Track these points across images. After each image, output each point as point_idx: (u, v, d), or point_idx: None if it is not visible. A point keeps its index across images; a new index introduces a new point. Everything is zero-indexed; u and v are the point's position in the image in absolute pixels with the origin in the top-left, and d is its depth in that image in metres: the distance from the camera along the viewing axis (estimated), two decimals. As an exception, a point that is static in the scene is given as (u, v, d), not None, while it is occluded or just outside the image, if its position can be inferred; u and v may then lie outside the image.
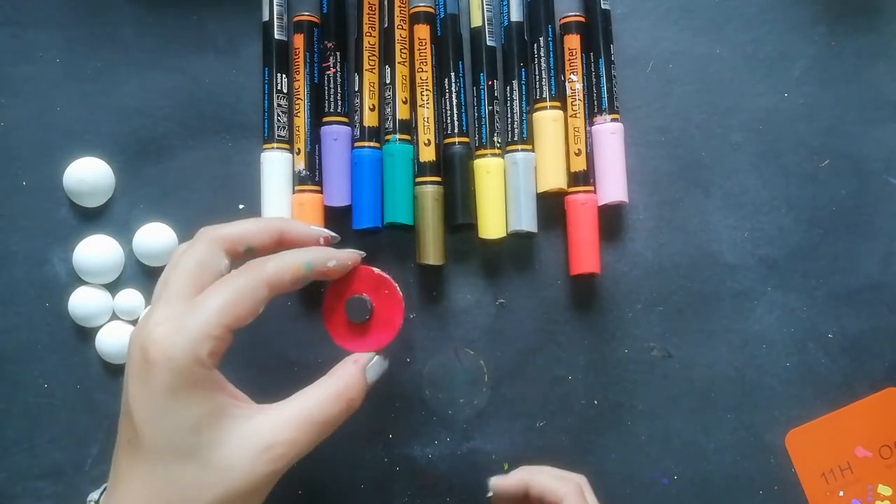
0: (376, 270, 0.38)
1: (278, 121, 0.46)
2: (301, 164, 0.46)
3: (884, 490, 0.46)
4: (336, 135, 0.46)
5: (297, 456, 0.31)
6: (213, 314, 0.29)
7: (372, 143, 0.46)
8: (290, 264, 0.32)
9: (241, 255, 0.34)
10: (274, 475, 0.30)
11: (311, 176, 0.46)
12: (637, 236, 0.47)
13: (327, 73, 0.46)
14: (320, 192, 0.46)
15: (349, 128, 0.46)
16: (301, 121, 0.46)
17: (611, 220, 0.47)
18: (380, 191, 0.46)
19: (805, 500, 0.46)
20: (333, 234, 0.37)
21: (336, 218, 0.46)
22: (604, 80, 0.46)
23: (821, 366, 0.47)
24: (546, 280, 0.47)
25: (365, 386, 0.34)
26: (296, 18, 0.47)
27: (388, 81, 0.46)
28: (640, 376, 0.47)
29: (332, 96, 0.46)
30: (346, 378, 0.33)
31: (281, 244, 0.35)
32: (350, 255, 0.36)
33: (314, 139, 0.46)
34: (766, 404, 0.46)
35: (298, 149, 0.46)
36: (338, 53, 0.46)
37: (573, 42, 0.47)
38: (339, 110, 0.46)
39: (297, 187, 0.46)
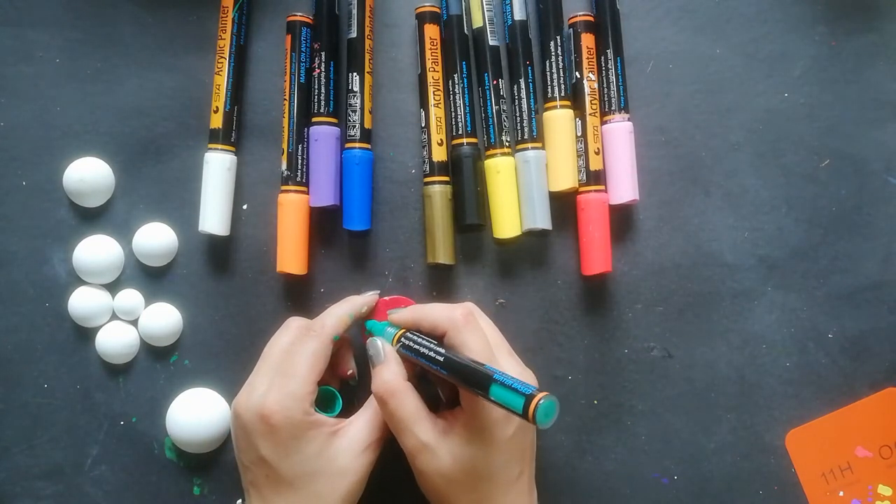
0: (389, 297, 0.45)
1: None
2: (283, 164, 0.46)
3: (884, 490, 0.46)
4: (318, 135, 0.46)
5: (384, 445, 0.41)
6: (304, 376, 0.40)
7: (363, 144, 0.46)
8: (341, 320, 0.43)
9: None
10: (373, 464, 0.41)
11: (292, 176, 0.46)
12: (637, 236, 0.47)
13: (313, 73, 0.46)
14: (305, 191, 0.46)
15: (336, 128, 0.46)
16: (286, 121, 0.46)
17: (612, 219, 0.47)
18: (370, 192, 0.46)
19: (805, 500, 0.46)
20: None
21: (323, 217, 0.46)
22: (622, 78, 0.46)
23: (821, 366, 0.47)
24: (546, 280, 0.47)
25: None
26: (289, 19, 0.46)
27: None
28: (640, 376, 0.47)
29: (318, 97, 0.46)
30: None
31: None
32: (372, 297, 0.45)
33: (299, 139, 0.46)
34: (766, 404, 0.46)
35: (282, 149, 0.46)
36: (323, 54, 0.46)
37: (590, 41, 0.46)
38: (326, 111, 0.46)
39: (281, 187, 0.46)
